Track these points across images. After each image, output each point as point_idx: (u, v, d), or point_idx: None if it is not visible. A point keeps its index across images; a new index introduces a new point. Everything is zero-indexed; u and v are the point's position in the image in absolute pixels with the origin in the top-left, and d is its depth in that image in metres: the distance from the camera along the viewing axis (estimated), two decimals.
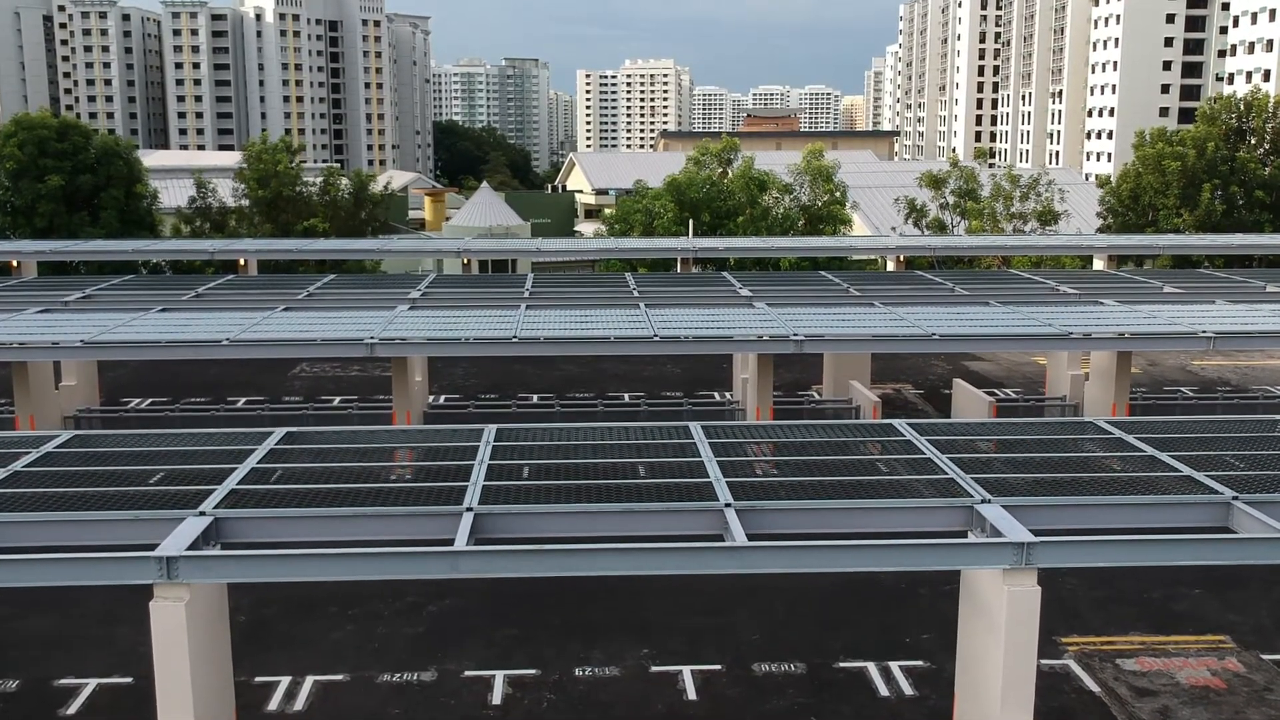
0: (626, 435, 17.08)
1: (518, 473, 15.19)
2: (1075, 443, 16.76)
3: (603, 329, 25.79)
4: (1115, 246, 44.01)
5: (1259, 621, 20.15)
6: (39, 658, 18.85)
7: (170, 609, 12.38)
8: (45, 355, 25.07)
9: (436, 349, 24.96)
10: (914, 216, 60.57)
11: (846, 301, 30.05)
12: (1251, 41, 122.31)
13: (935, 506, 13.88)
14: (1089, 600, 21.00)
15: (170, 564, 12.23)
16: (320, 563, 12.45)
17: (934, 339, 25.10)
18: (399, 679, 18.13)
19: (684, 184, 56.66)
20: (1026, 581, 12.78)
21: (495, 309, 28.55)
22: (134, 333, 25.21)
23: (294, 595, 21.40)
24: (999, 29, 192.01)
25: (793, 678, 18.15)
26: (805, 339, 24.89)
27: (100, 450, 16.30)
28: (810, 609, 20.75)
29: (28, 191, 53.36)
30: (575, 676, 18.18)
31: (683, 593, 21.36)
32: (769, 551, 12.65)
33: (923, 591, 21.34)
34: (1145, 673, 18.23)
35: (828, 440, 16.75)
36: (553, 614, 20.43)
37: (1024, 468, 15.33)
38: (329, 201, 57.28)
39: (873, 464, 15.57)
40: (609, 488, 14.51)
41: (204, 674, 12.76)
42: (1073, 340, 25.11)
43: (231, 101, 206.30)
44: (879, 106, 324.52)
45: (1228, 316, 27.19)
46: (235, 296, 31.04)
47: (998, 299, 29.99)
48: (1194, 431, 17.24)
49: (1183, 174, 53.79)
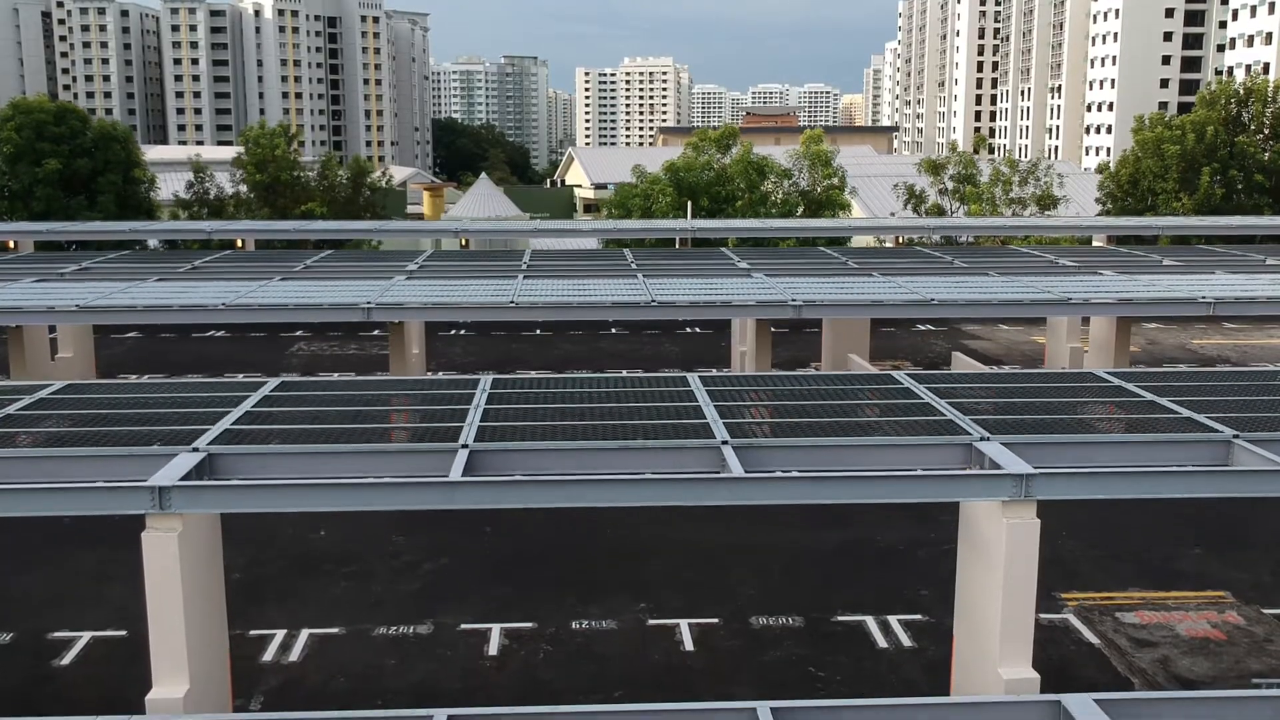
0: (624, 384, 16.98)
1: (514, 415, 15.08)
2: (1075, 389, 16.67)
3: (600, 295, 25.71)
4: (1114, 227, 43.90)
5: (1259, 579, 20.06)
6: (33, 613, 18.74)
7: (163, 540, 12.28)
8: (40, 319, 24.96)
9: (434, 314, 24.84)
10: (913, 202, 60.49)
11: (845, 273, 29.94)
12: (1251, 35, 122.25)
13: (934, 444, 13.79)
14: (1088, 559, 20.91)
15: (163, 494, 12.14)
16: (314, 493, 12.34)
17: (932, 304, 25.01)
18: (395, 631, 18.03)
19: (682, 169, 56.54)
20: (1026, 514, 12.69)
21: (493, 279, 28.44)
22: (130, 299, 25.08)
23: (290, 555, 21.33)
24: (998, 24, 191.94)
25: (790, 630, 18.06)
26: (803, 304, 24.78)
27: (93, 397, 16.20)
28: (809, 568, 20.68)
29: (25, 175, 53.19)
30: (572, 629, 18.09)
31: (681, 553, 21.30)
32: (766, 483, 12.55)
33: (922, 553, 21.26)
34: (1145, 625, 18.14)
35: (825, 388, 16.65)
36: (550, 573, 20.34)
37: (1024, 411, 15.23)
38: (326, 187, 57.14)
39: (871, 408, 15.48)
40: (606, 428, 14.41)
41: (197, 606, 12.66)
42: (1072, 305, 25.01)
43: (230, 98, 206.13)
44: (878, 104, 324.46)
45: (1228, 284, 27.10)
46: (231, 269, 30.92)
47: (997, 270, 29.89)
48: (1194, 380, 17.15)
49: (1182, 158, 53.69)
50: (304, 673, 16.72)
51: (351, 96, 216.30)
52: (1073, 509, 23.48)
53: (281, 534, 22.37)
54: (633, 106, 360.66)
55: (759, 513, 23.72)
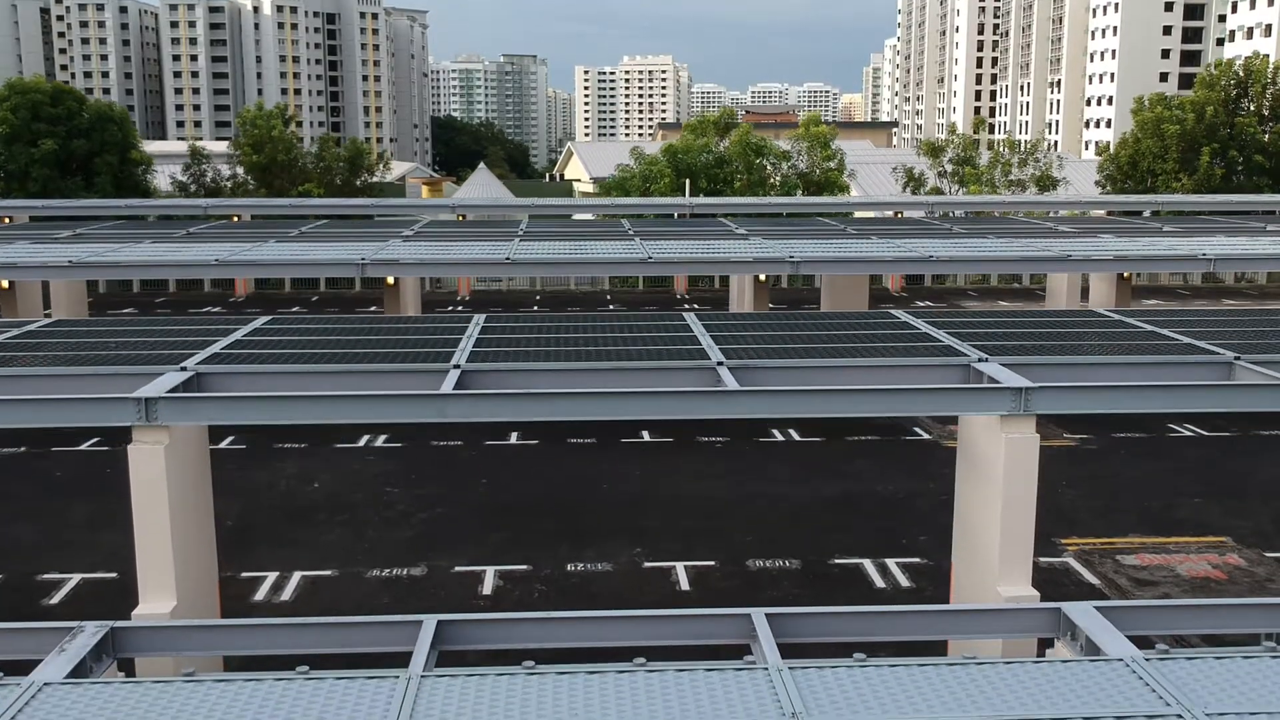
0: (619, 318, 16.80)
1: (507, 344, 14.90)
2: (1075, 322, 16.49)
3: (597, 255, 25.53)
4: (1114, 203, 43.76)
5: (1261, 526, 19.89)
6: (23, 557, 18.57)
7: (149, 453, 12.09)
8: (33, 275, 24.76)
9: (429, 270, 24.66)
10: (912, 185, 60.33)
11: (844, 237, 29.77)
12: (1250, 27, 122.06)
13: (932, 364, 13.61)
14: (1087, 508, 20.75)
15: (149, 405, 11.95)
16: (304, 405, 12.16)
17: (931, 260, 24.83)
18: (388, 574, 17.85)
19: (681, 151, 56.38)
20: (1025, 429, 12.49)
21: (489, 241, 28.26)
22: (123, 256, 24.91)
23: (283, 506, 21.17)
24: (998, 20, 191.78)
25: (787, 572, 17.88)
26: (801, 261, 24.59)
27: (83, 329, 16.03)
28: (807, 517, 20.51)
29: (21, 156, 53.10)
30: (567, 571, 17.91)
31: (678, 504, 21.14)
32: (761, 396, 12.37)
33: (920, 503, 21.10)
34: (1145, 567, 17.97)
35: (824, 323, 16.48)
36: (546, 523, 20.17)
37: (1024, 338, 15.07)
38: (324, 169, 56.95)
39: (870, 336, 15.30)
40: (601, 353, 14.23)
41: (184, 521, 12.47)
42: (1072, 262, 24.82)
43: (229, 94, 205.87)
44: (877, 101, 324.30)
45: (1227, 244, 26.93)
46: (227, 234, 30.74)
47: (995, 235, 29.73)
48: (1195, 315, 16.98)
49: (1181, 138, 53.52)
50: (296, 611, 16.52)
51: (350, 93, 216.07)
52: (1070, 461, 23.47)
53: (275, 487, 22.23)
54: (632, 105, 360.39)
55: (757, 465, 23.60)
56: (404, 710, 6.95)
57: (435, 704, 7.26)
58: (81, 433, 25.55)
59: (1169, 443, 25.14)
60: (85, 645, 8.32)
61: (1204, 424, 26.29)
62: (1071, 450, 24.34)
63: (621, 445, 25.01)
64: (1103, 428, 26.06)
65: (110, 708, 7.11)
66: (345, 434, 25.68)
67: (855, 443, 25.15)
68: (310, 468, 23.32)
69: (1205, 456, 24.12)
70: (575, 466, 23.52)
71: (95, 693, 7.42)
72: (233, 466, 22.84)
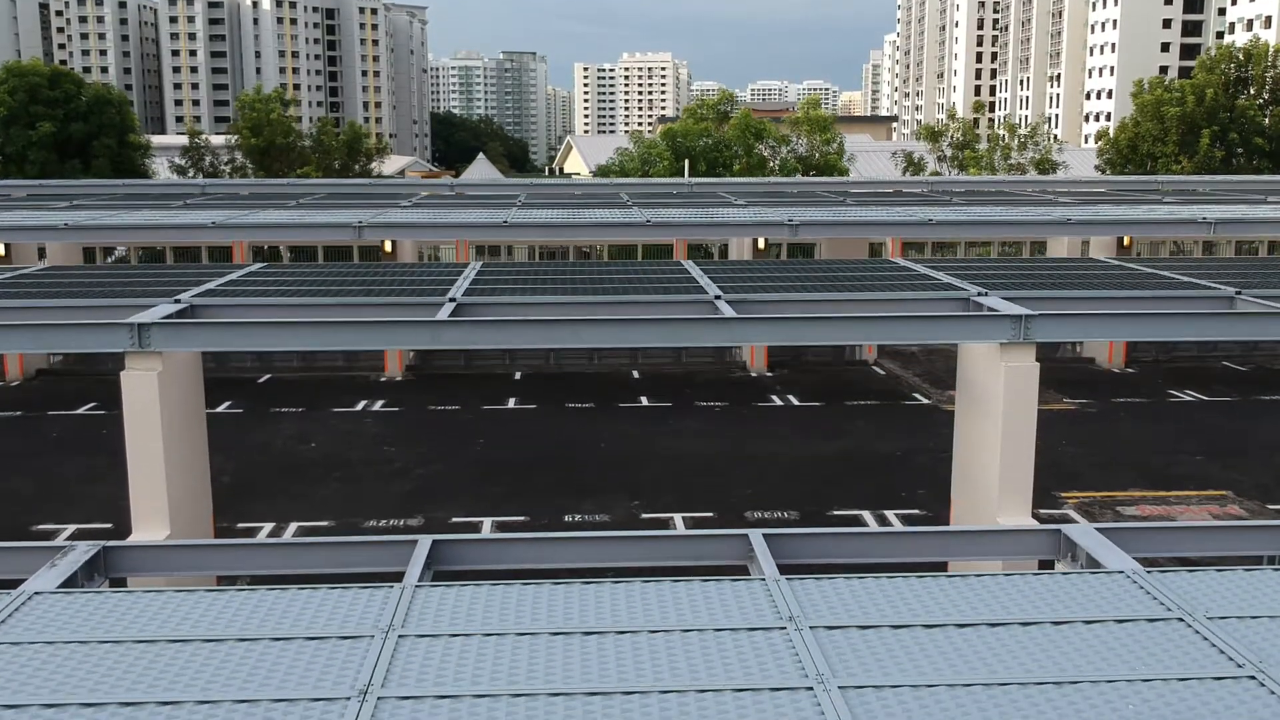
0: (617, 264, 16.70)
1: (505, 282, 14.81)
2: (1076, 264, 16.39)
3: (594, 219, 25.40)
4: (1114, 181, 43.60)
5: (1261, 480, 19.79)
6: (18, 510, 18.47)
7: (142, 379, 11.99)
8: (29, 238, 24.62)
9: (425, 231, 24.55)
10: (912, 170, 60.20)
11: (844, 205, 29.66)
12: (1250, 19, 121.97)
13: (932, 297, 13.51)
14: (1088, 465, 20.66)
15: (142, 331, 11.85)
16: (298, 331, 12.06)
17: (930, 224, 24.72)
18: (385, 524, 17.76)
19: (680, 134, 56.28)
20: (1025, 358, 12.39)
21: (487, 208, 28.15)
22: (119, 220, 24.77)
23: (280, 463, 21.08)
24: (997, 14, 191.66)
25: (785, 522, 17.78)
26: (800, 224, 24.46)
27: (77, 272, 15.93)
28: (806, 473, 20.41)
29: (18, 139, 52.96)
30: (564, 522, 17.80)
31: (677, 461, 21.05)
32: (760, 323, 12.27)
33: (919, 459, 21.00)
34: (1145, 517, 17.88)
35: (822, 266, 16.38)
36: (544, 478, 20.08)
37: (1024, 277, 14.97)
38: (322, 152, 56.83)
39: (869, 277, 15.20)
40: (599, 288, 14.13)
41: (177, 450, 12.36)
42: (1072, 225, 24.68)
43: (228, 89, 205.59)
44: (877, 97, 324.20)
45: (1227, 210, 26.81)
46: (224, 204, 30.62)
47: (995, 204, 29.62)
48: (1195, 259, 16.88)
49: (1181, 120, 53.40)
50: None
51: (350, 88, 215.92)
52: (1071, 423, 23.38)
53: (272, 445, 22.15)
54: (631, 103, 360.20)
55: (756, 427, 23.53)
56: (398, 615, 6.85)
57: (429, 610, 7.16)
58: (78, 396, 25.47)
59: (1169, 407, 25.05)
60: (76, 561, 8.23)
61: (1203, 389, 26.22)
62: (1071, 413, 24.26)
63: (619, 409, 24.94)
64: (1103, 394, 26.00)
65: (100, 614, 7.01)
66: (342, 400, 25.61)
67: (854, 407, 25.07)
68: (307, 430, 23.23)
69: (1206, 420, 24.04)
70: (573, 428, 23.44)
71: (85, 600, 7.32)
72: (230, 428, 22.76)
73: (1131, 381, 27.48)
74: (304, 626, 6.63)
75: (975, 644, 6.65)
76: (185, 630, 6.67)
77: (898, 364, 29.26)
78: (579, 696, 5.64)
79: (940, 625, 7.03)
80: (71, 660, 6.23)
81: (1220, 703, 5.73)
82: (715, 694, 5.77)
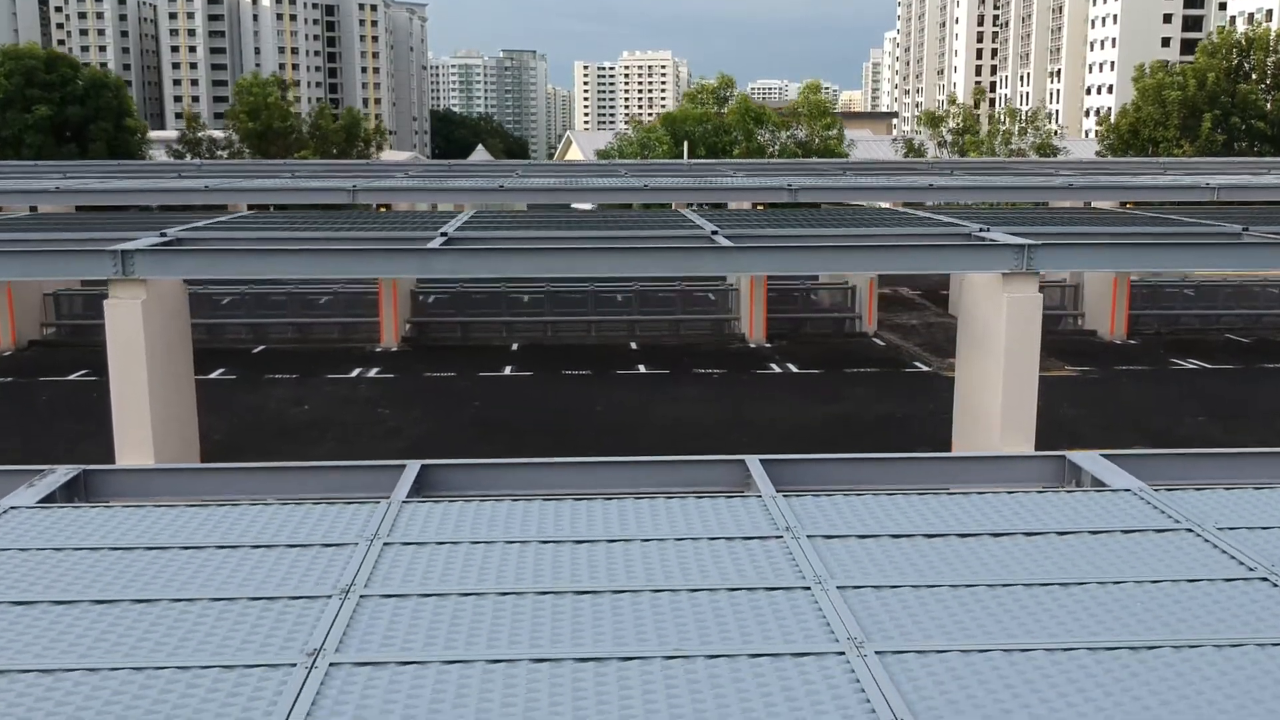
0: (614, 211, 16.47)
1: (500, 221, 14.58)
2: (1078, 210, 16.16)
3: (593, 185, 25.22)
4: (1117, 164, 43.42)
5: (1266, 439, 19.52)
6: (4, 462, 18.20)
7: (126, 307, 11.76)
8: (20, 200, 24.34)
9: (419, 195, 24.35)
10: (912, 156, 59.99)
11: (844, 175, 29.47)
12: (1250, 12, 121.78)
13: (934, 231, 13.27)
14: (1090, 425, 20.41)
15: (126, 259, 11.62)
16: (285, 258, 11.83)
17: (931, 189, 24.50)
18: None
19: (680, 119, 56.06)
20: (1027, 289, 12.16)
21: (485, 178, 27.97)
22: (110, 186, 24.57)
23: (273, 425, 20.82)
24: (997, 10, 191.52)
25: None
26: (799, 189, 24.24)
27: (67, 216, 15.70)
28: (805, 433, 20.16)
29: (14, 122, 52.75)
30: None
31: (674, 424, 20.81)
32: (758, 252, 12.04)
33: (918, 422, 20.74)
34: None
35: (821, 212, 16.15)
36: (540, 440, 19.82)
37: (1028, 218, 14.75)
38: (320, 136, 56.64)
39: (870, 220, 14.98)
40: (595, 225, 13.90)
41: (162, 379, 12.12)
42: (1074, 191, 24.44)
43: (227, 85, 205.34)
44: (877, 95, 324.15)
45: (1231, 178, 26.62)
46: (220, 173, 30.44)
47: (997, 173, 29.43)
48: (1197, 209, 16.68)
49: (1183, 104, 53.17)
50: None
51: (349, 85, 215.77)
52: (1072, 388, 23.14)
53: (264, 409, 21.88)
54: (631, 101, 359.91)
55: (755, 393, 23.28)
56: (384, 525, 6.67)
57: (416, 521, 6.97)
58: (71, 363, 25.23)
59: (1171, 373, 24.82)
60: (55, 483, 8.04)
61: (1206, 358, 25.98)
62: (1073, 379, 24.01)
63: (617, 376, 24.69)
64: (1105, 362, 25.76)
65: (76, 525, 6.80)
66: (337, 367, 25.35)
67: (854, 374, 24.83)
68: (301, 394, 22.98)
69: (1208, 386, 23.80)
70: (570, 394, 23.20)
71: (62, 514, 7.12)
72: (222, 392, 22.50)
73: (1134, 351, 27.24)
74: (287, 536, 6.46)
75: (979, 551, 6.49)
76: (164, 540, 6.49)
77: (898, 335, 29.02)
78: (568, 595, 5.48)
79: (942, 535, 6.90)
80: (44, 565, 6.06)
81: (1232, 602, 5.60)
82: (709, 593, 5.62)
